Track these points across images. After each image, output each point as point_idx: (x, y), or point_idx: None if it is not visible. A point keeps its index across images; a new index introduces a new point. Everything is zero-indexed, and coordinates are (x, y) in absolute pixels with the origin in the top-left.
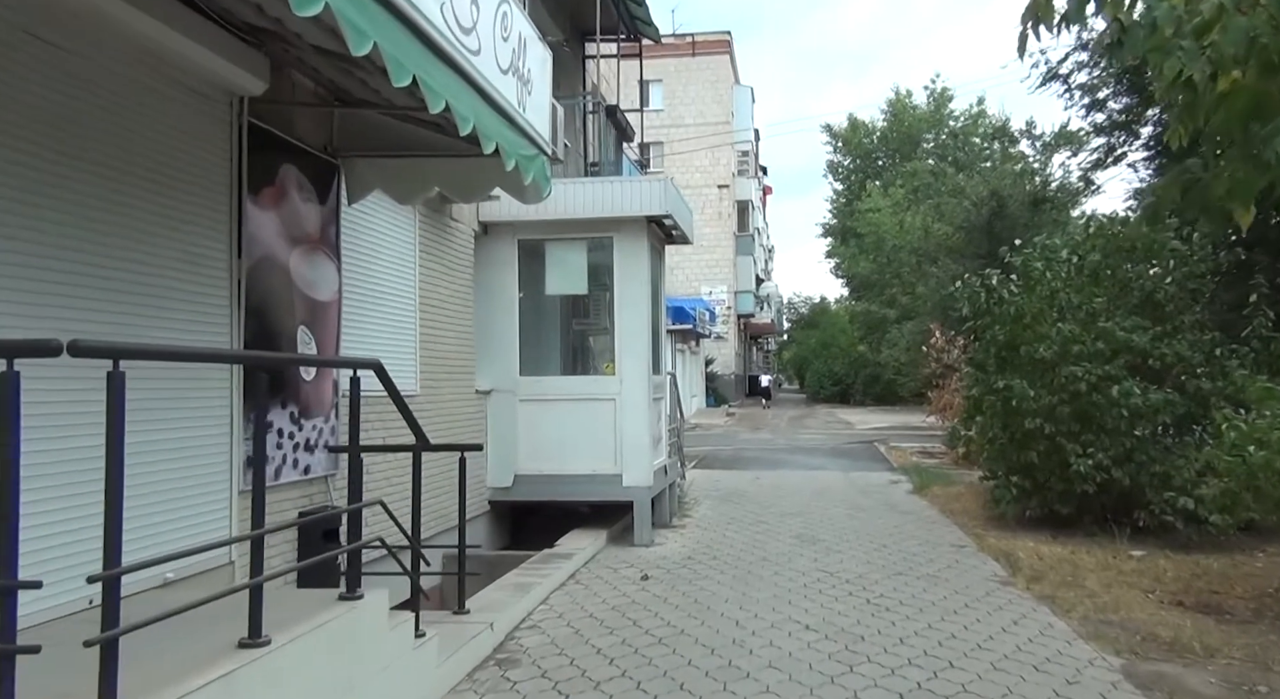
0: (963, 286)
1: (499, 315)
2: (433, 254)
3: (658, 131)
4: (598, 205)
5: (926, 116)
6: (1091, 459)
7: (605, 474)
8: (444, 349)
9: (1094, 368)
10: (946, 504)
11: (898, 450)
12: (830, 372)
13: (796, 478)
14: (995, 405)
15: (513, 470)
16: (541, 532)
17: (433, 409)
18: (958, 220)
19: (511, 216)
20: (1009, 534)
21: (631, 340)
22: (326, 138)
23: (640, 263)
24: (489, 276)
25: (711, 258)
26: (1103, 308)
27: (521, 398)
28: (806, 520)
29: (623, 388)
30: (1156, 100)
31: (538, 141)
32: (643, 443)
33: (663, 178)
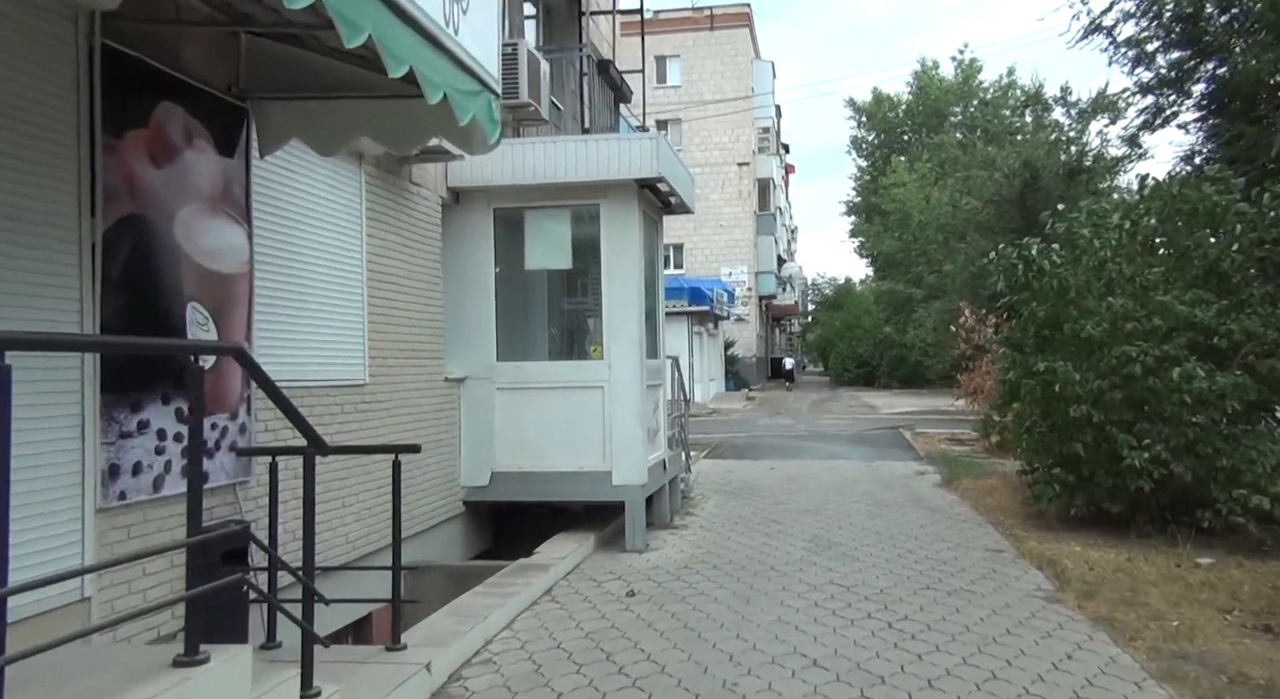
0: (997, 258)
1: (473, 294)
2: (386, 222)
3: (676, 108)
4: (580, 167)
5: (954, 88)
6: (1148, 451)
7: (593, 471)
8: (403, 332)
9: (1150, 347)
10: (979, 499)
11: (924, 437)
12: (855, 354)
13: (815, 468)
14: (1035, 390)
15: (489, 467)
16: (528, 533)
17: (389, 400)
18: (988, 194)
19: (484, 181)
20: (1051, 536)
21: (622, 320)
22: (231, 75)
23: (630, 233)
24: (461, 250)
25: (731, 238)
26: (1159, 279)
27: (499, 386)
28: (823, 519)
29: (612, 374)
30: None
31: (478, 74)
32: (635, 435)
33: (654, 135)
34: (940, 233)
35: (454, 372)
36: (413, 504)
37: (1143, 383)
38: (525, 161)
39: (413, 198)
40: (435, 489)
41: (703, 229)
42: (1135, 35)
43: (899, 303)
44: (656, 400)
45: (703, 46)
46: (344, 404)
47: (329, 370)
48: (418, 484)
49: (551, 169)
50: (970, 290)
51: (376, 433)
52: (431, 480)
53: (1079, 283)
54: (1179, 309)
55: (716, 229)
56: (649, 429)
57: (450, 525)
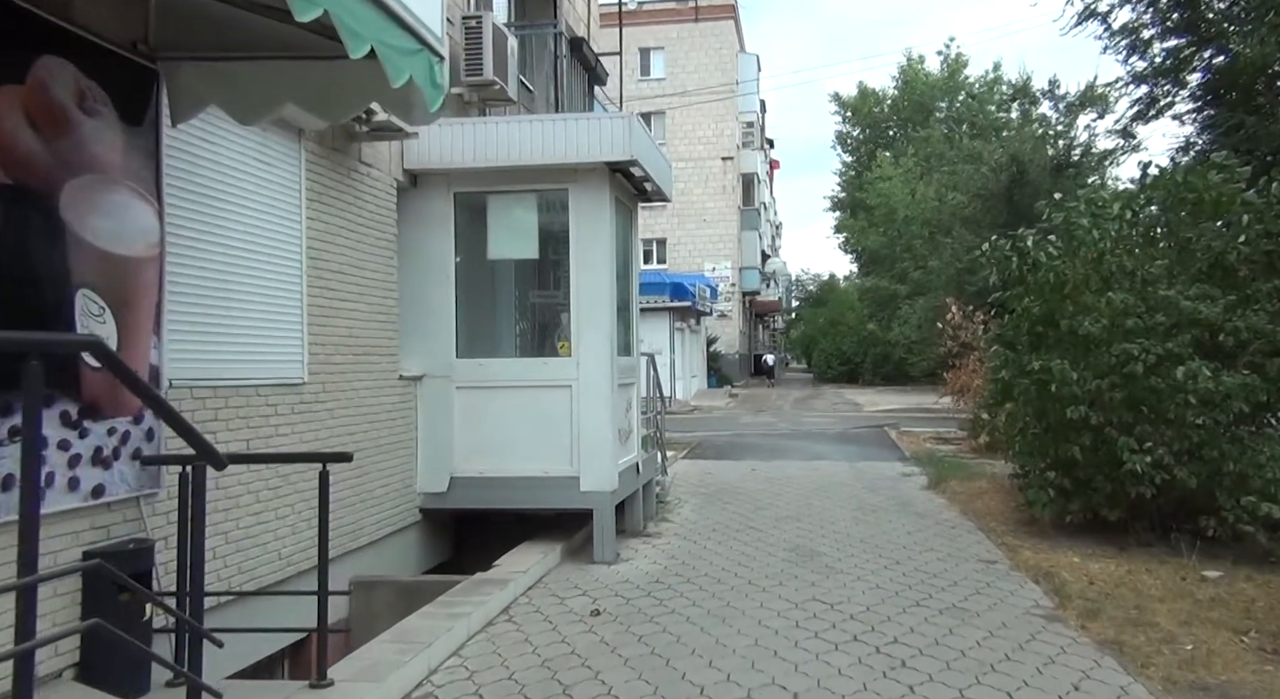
0: (990, 250)
1: (432, 285)
2: (331, 205)
3: (659, 101)
4: (548, 148)
5: (940, 83)
6: (1150, 455)
7: (559, 477)
8: (351, 325)
9: (1153, 345)
10: (968, 503)
11: (909, 436)
12: (838, 350)
13: (797, 469)
14: (1029, 390)
15: (448, 472)
16: (493, 542)
17: (333, 401)
18: (974, 188)
19: (444, 163)
20: (1046, 544)
21: (591, 315)
22: (137, 30)
23: (601, 220)
24: (418, 238)
25: (715, 233)
26: (1162, 273)
27: (459, 385)
28: (805, 526)
29: (580, 372)
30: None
31: (416, 30)
32: (604, 438)
33: (627, 115)
34: (925, 228)
35: (410, 369)
36: (362, 513)
37: (1144, 383)
38: (488, 142)
39: (363, 179)
40: (388, 496)
41: (686, 224)
42: (1130, 22)
43: (883, 299)
44: (629, 400)
45: (687, 39)
46: (278, 406)
47: (260, 368)
48: (368, 491)
49: (516, 150)
50: (956, 286)
51: (318, 437)
52: (383, 487)
53: (1076, 276)
54: (1183, 305)
55: (700, 224)
56: (620, 431)
57: (405, 535)
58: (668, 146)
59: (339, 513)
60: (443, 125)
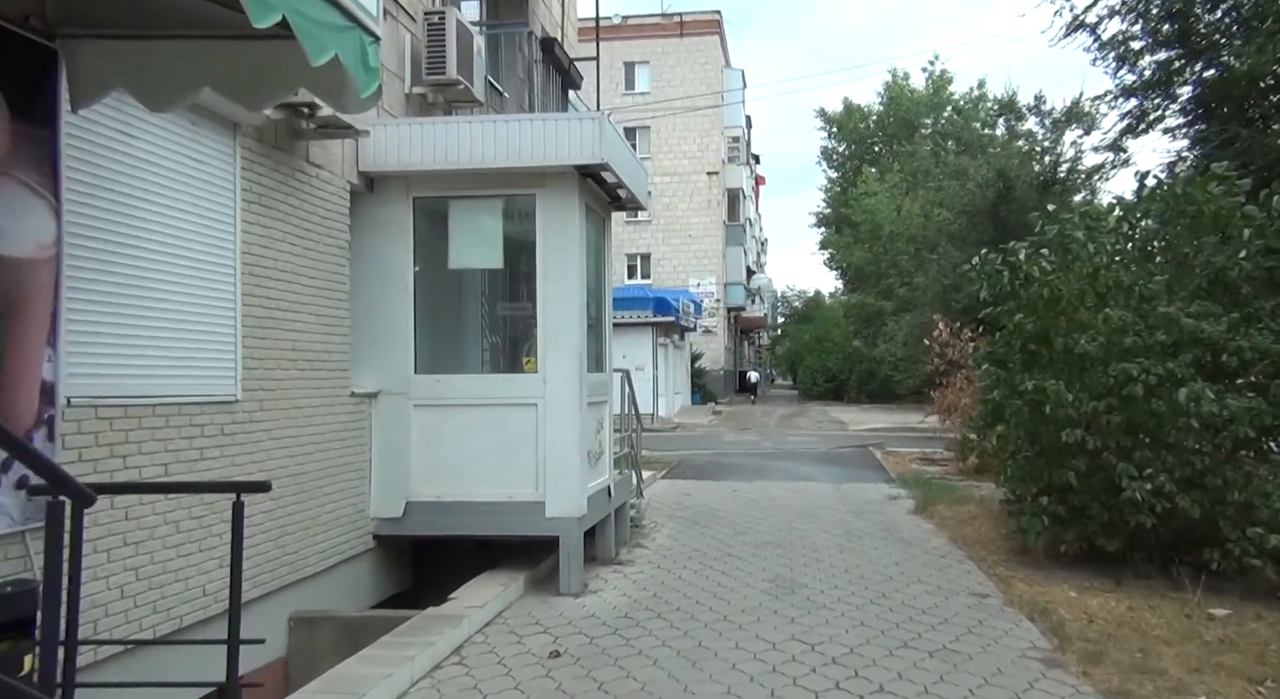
0: (980, 265)
1: (388, 296)
2: (274, 208)
3: (644, 115)
4: (512, 150)
5: (924, 100)
6: (1150, 482)
7: (523, 502)
8: (295, 338)
9: (1153, 365)
10: (957, 529)
11: (895, 456)
12: (823, 367)
13: (780, 491)
14: (1021, 411)
15: (404, 496)
16: (454, 569)
17: (271, 420)
18: (960, 204)
19: (402, 166)
20: (1040, 576)
21: (559, 329)
22: (32, 4)
23: (570, 228)
24: (374, 245)
25: (700, 248)
26: (1161, 289)
27: (417, 402)
28: (786, 554)
29: (547, 389)
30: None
31: (344, 5)
32: (572, 460)
33: (598, 115)
34: (911, 244)
35: (363, 385)
36: (305, 542)
37: (1144, 405)
38: (449, 143)
39: (310, 181)
40: (336, 523)
41: (671, 239)
42: (1120, 33)
43: (869, 316)
44: (601, 419)
45: (672, 53)
46: (205, 426)
47: (183, 383)
48: (312, 518)
49: (479, 152)
50: (942, 303)
51: (253, 460)
52: (330, 513)
53: (1071, 292)
54: (1185, 323)
55: (685, 239)
56: (590, 452)
57: (356, 564)
58: (652, 161)
59: (280, 541)
60: (400, 125)
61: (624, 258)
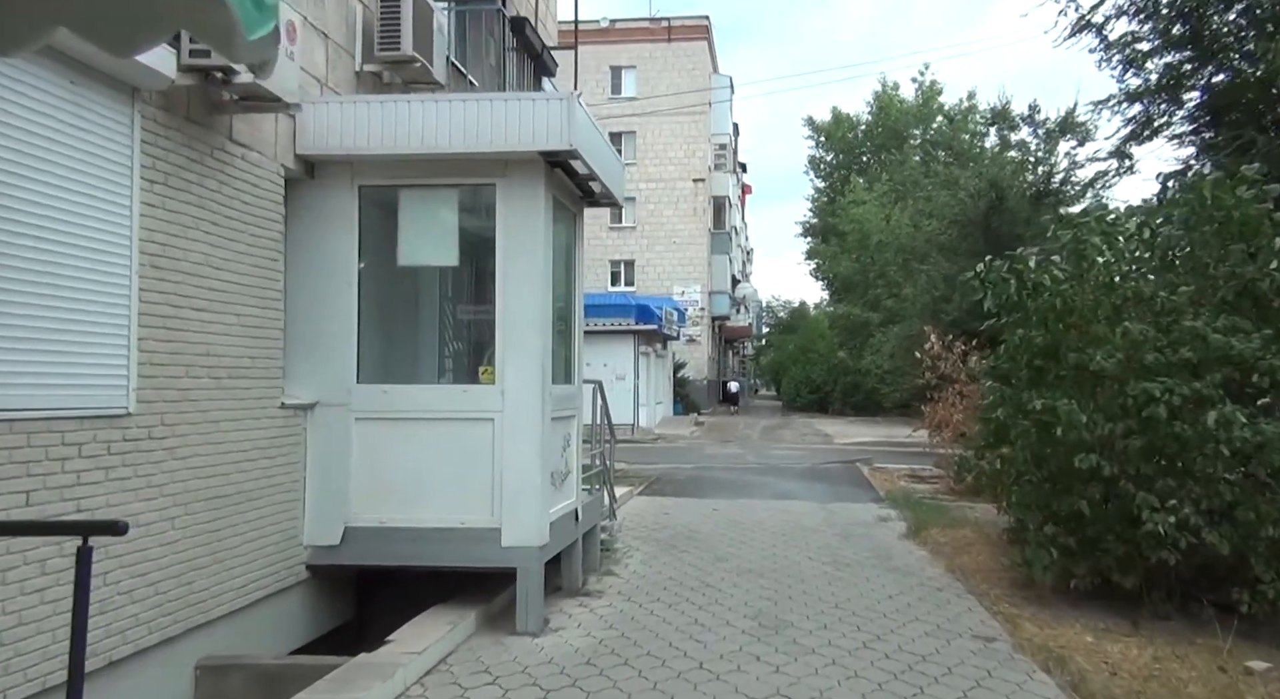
0: (985, 271)
1: (329, 296)
2: (185, 191)
3: (630, 120)
4: (469, 134)
5: (914, 110)
6: (1173, 514)
7: (477, 528)
8: (210, 341)
9: (1178, 384)
10: (953, 557)
11: (883, 473)
12: (808, 378)
13: (763, 511)
14: (1028, 432)
15: (342, 521)
16: (407, 598)
17: (176, 437)
18: (951, 214)
19: (347, 149)
20: (1049, 614)
21: (520, 335)
22: None
23: (534, 223)
24: (315, 238)
25: (684, 256)
26: (1186, 302)
27: (359, 415)
28: (770, 585)
29: (505, 402)
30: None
31: None
32: (532, 482)
33: (567, 95)
34: (900, 254)
35: (298, 395)
36: (219, 577)
37: (1167, 428)
38: (399, 125)
39: (235, 162)
40: (259, 552)
41: (655, 246)
42: (1128, 34)
43: (854, 327)
44: (568, 435)
45: (660, 58)
46: (85, 445)
47: (54, 395)
48: (229, 549)
49: (432, 135)
50: (932, 314)
51: (151, 484)
52: (251, 542)
53: (1086, 303)
54: (1213, 338)
55: (670, 247)
56: (555, 473)
57: (285, 599)
58: (638, 167)
59: (185, 577)
60: (343, 103)
61: (607, 264)
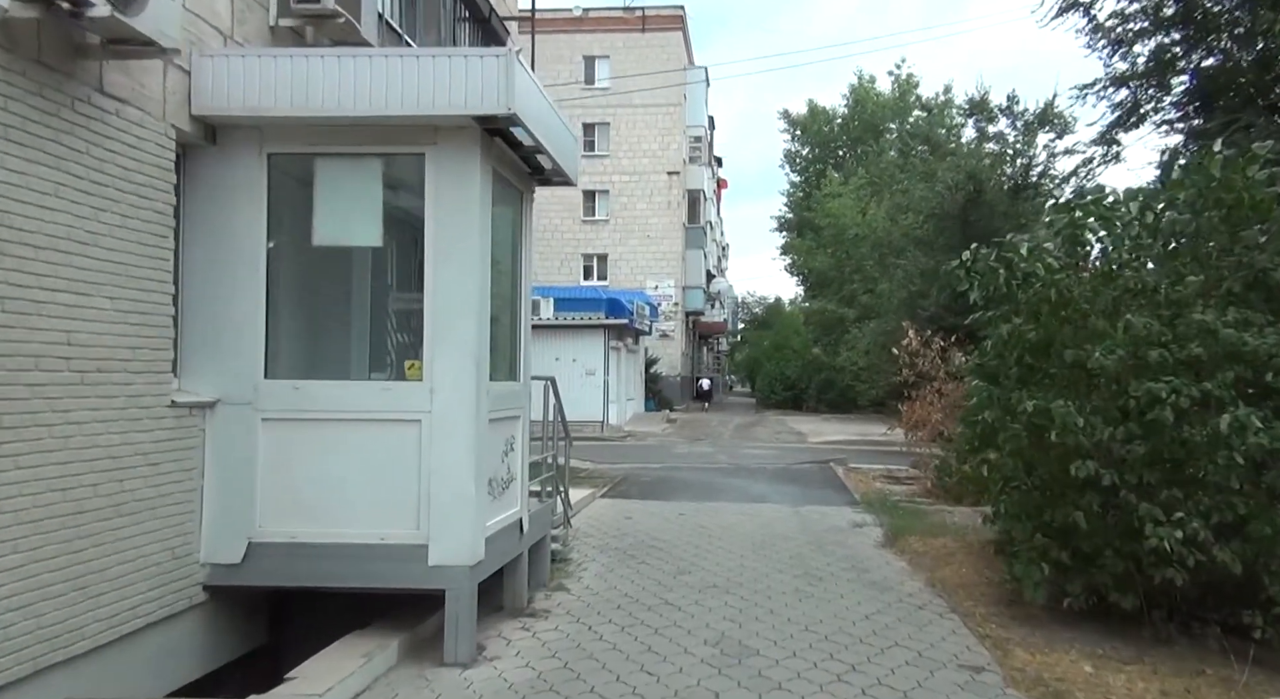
0: (971, 259)
1: (233, 279)
2: (34, 149)
3: (604, 111)
4: (393, 94)
5: (890, 104)
6: (1181, 529)
7: (400, 545)
8: (71, 328)
9: (1185, 384)
10: (934, 569)
11: (858, 474)
12: (782, 375)
13: (733, 515)
14: (1019, 436)
15: (245, 535)
16: (331, 618)
17: (20, 443)
18: (928, 208)
19: (254, 111)
20: (1041, 638)
21: (451, 325)
22: None
23: (468, 197)
24: (216, 213)
25: (658, 250)
26: (1194, 293)
27: (267, 415)
28: (736, 602)
29: (434, 401)
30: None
31: None
32: (464, 492)
33: (507, 52)
34: (876, 249)
35: (194, 392)
36: (83, 605)
37: (1174, 433)
38: (314, 83)
39: (107, 119)
40: (140, 574)
41: (629, 240)
42: (1118, 12)
43: (829, 323)
44: (511, 438)
45: (633, 48)
46: None
47: None
48: (98, 571)
49: (352, 96)
50: (908, 310)
51: None
52: (132, 561)
53: (1083, 294)
54: (1224, 334)
55: (643, 240)
56: (494, 481)
57: (174, 626)
58: (611, 159)
59: (36, 608)
60: (248, 56)
61: (580, 258)
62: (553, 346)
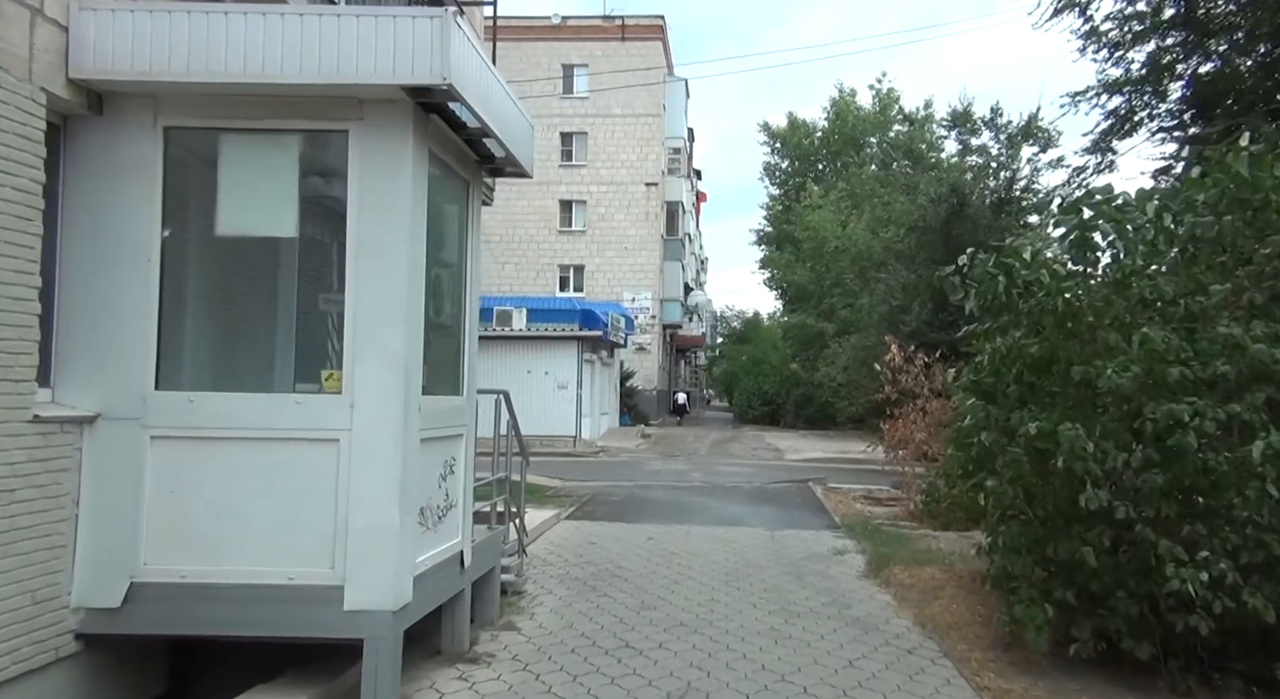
0: (969, 264)
1: (118, 272)
2: None
3: (582, 121)
4: (309, 59)
5: (871, 118)
6: (1206, 570)
7: (312, 586)
8: None
9: (1210, 406)
10: (922, 604)
11: (837, 494)
12: (760, 390)
13: (704, 540)
14: (1020, 462)
15: (128, 575)
16: (244, 659)
17: None
18: (910, 220)
19: (147, 74)
20: (1046, 689)
21: (378, 330)
22: None
23: (399, 180)
24: (100, 195)
25: (636, 262)
26: (1220, 304)
27: (157, 433)
28: (703, 644)
29: (355, 417)
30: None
31: None
32: (387, 524)
33: (441, 12)
34: (856, 262)
35: (68, 404)
36: None
37: (1198, 461)
38: (217, 46)
39: None
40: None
41: (605, 251)
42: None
43: (808, 338)
44: (451, 460)
45: (613, 57)
46: None
47: None
48: None
49: (259, 59)
50: (889, 325)
51: None
52: None
53: (1093, 305)
54: (1254, 350)
55: (620, 252)
56: (427, 510)
57: (38, 684)
58: (589, 169)
59: None
60: (138, 11)
61: (556, 269)
62: (524, 359)
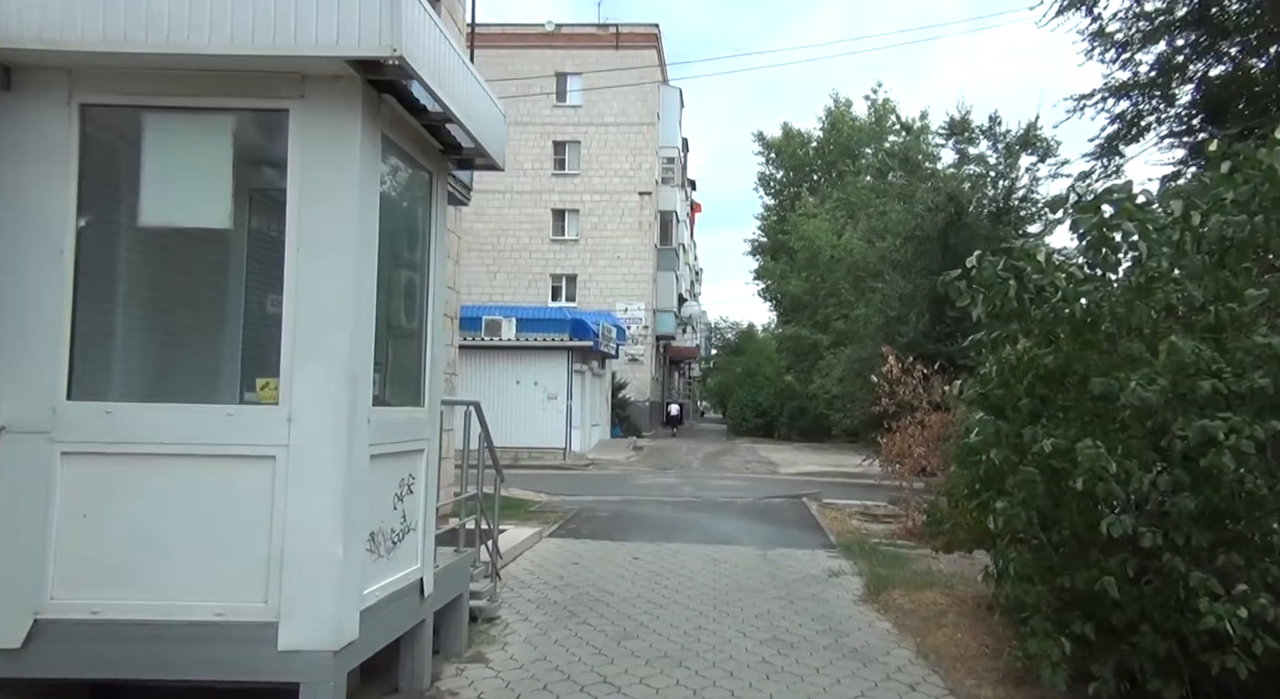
0: (976, 267)
1: (26, 266)
2: None
3: (575, 129)
4: (243, 26)
5: (866, 128)
6: (1245, 606)
7: (242, 622)
8: None
9: (1246, 423)
10: (924, 633)
11: (833, 510)
12: (754, 402)
13: (694, 560)
14: (1033, 482)
15: (30, 610)
16: None
17: None
18: (906, 230)
19: (60, 42)
20: None
21: (321, 332)
22: None
23: (345, 168)
24: (6, 181)
25: (629, 271)
26: (1256, 310)
27: (69, 448)
28: (689, 680)
29: (294, 431)
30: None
31: None
32: (329, 552)
33: None
34: (852, 272)
35: None
36: None
37: (1234, 485)
38: (140, 10)
39: None
40: None
41: (598, 261)
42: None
43: (803, 349)
44: (408, 479)
45: (606, 65)
46: None
47: None
48: None
49: (185, 26)
50: (885, 336)
51: None
52: None
53: (1115, 311)
54: None
55: (613, 262)
56: (377, 534)
57: None
58: (582, 178)
59: None
60: None
61: (548, 278)
62: (513, 369)
